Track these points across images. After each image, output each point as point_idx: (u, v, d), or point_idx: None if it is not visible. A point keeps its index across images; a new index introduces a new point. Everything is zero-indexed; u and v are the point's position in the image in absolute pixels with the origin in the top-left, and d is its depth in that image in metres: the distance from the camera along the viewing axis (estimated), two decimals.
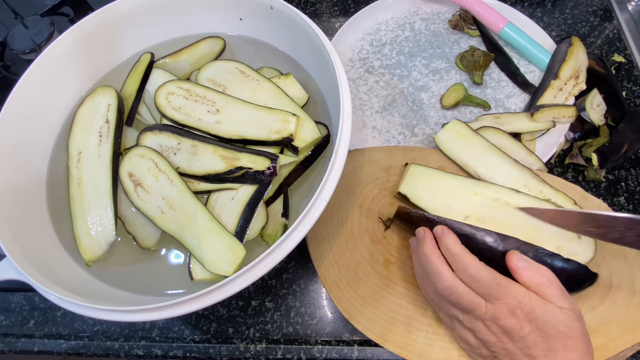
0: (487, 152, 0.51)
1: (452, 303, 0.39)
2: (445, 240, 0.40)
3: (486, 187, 0.48)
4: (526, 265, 0.38)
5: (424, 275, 0.42)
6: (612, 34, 0.65)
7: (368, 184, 0.52)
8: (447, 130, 0.53)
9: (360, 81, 0.63)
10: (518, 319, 0.36)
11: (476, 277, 0.37)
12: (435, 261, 0.40)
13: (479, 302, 0.37)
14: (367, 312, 0.45)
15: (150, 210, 0.44)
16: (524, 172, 0.50)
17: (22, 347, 0.53)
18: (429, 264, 0.40)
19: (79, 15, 0.71)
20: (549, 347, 0.35)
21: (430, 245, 0.41)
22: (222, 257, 0.41)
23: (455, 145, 0.53)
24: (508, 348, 0.36)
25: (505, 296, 0.36)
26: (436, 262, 0.40)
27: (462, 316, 0.39)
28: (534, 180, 0.49)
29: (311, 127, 0.48)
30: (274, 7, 0.51)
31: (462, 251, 0.39)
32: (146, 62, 0.53)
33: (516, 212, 0.46)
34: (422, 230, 0.43)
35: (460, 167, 0.52)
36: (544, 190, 0.48)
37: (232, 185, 0.45)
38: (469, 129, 0.53)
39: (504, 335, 0.36)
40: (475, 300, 0.37)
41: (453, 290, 0.38)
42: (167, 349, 0.50)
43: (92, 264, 0.45)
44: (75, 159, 0.48)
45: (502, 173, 0.50)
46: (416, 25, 0.68)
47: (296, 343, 0.49)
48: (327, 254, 0.49)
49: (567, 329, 0.35)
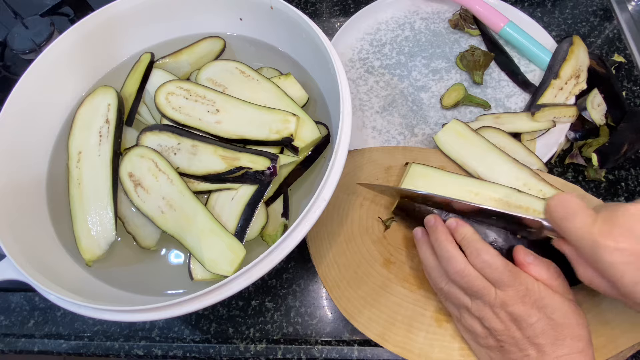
0: (486, 151, 0.51)
1: (463, 287, 0.39)
2: (461, 230, 0.41)
3: (486, 187, 0.48)
4: (533, 260, 0.39)
5: (433, 263, 0.42)
6: (612, 34, 0.65)
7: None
8: (446, 130, 0.53)
9: (360, 81, 0.63)
10: (527, 306, 0.36)
11: (489, 262, 0.38)
12: (448, 245, 0.40)
13: (489, 288, 0.38)
14: (367, 312, 0.45)
15: (150, 210, 0.44)
16: (523, 171, 0.50)
17: (22, 347, 0.53)
18: (442, 249, 0.40)
19: (79, 15, 0.71)
20: (557, 336, 0.35)
21: (442, 231, 0.42)
22: (222, 257, 0.41)
23: (455, 145, 0.53)
24: (515, 336, 0.37)
25: (515, 283, 0.37)
26: (449, 247, 0.40)
27: (470, 303, 0.39)
28: (533, 179, 0.49)
29: (311, 127, 0.48)
30: (274, 7, 0.51)
31: (478, 237, 0.40)
32: (146, 62, 0.53)
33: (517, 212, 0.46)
34: (432, 218, 0.44)
35: (460, 166, 0.52)
36: (543, 189, 0.48)
37: (232, 185, 0.45)
38: (469, 128, 0.53)
39: (512, 323, 0.37)
40: (486, 285, 0.38)
41: (465, 273, 0.38)
42: (167, 349, 0.50)
43: (92, 264, 0.45)
44: (75, 159, 0.48)
45: (502, 172, 0.50)
46: (416, 25, 0.68)
47: (296, 343, 0.49)
48: (327, 253, 0.49)
49: (575, 318, 0.36)
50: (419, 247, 0.45)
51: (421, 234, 0.45)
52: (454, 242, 0.41)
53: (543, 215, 0.40)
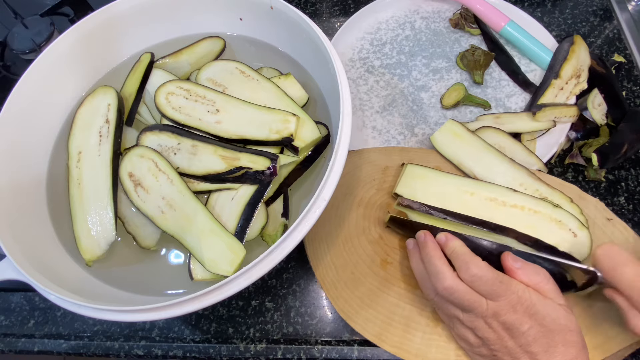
0: (483, 151, 0.51)
1: (453, 303, 0.39)
2: (450, 244, 0.41)
3: (483, 187, 0.48)
4: (522, 265, 0.39)
5: (424, 275, 0.42)
6: (612, 34, 0.65)
7: (365, 185, 0.52)
8: (443, 130, 0.54)
9: (360, 81, 0.63)
10: (518, 314, 0.36)
11: (479, 275, 0.38)
12: (436, 262, 0.40)
13: (480, 301, 0.37)
14: (365, 312, 0.45)
15: (150, 210, 0.44)
16: (520, 171, 0.50)
17: (22, 347, 0.53)
18: (431, 265, 0.41)
19: (79, 15, 0.71)
20: (549, 343, 0.35)
21: (432, 247, 0.42)
22: (222, 257, 0.41)
23: (451, 145, 0.53)
24: (508, 345, 0.37)
25: (507, 292, 0.37)
26: (438, 263, 0.40)
27: (462, 315, 0.39)
28: (530, 179, 0.49)
29: (311, 127, 0.47)
30: (274, 7, 0.51)
31: (468, 251, 0.40)
32: (146, 62, 0.53)
33: (513, 212, 0.46)
34: (422, 234, 0.44)
35: (457, 167, 0.52)
36: (540, 189, 0.48)
37: (232, 185, 0.45)
38: (465, 129, 0.53)
39: (505, 332, 0.37)
40: (476, 299, 0.38)
41: (454, 289, 0.38)
42: (167, 349, 0.50)
43: (92, 264, 0.45)
44: (75, 158, 0.48)
45: (498, 172, 0.50)
46: (416, 24, 0.68)
47: (296, 343, 0.49)
48: (325, 254, 0.49)
49: (566, 323, 0.36)
50: (410, 258, 0.45)
51: (412, 245, 0.45)
52: (443, 258, 0.41)
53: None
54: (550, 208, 0.46)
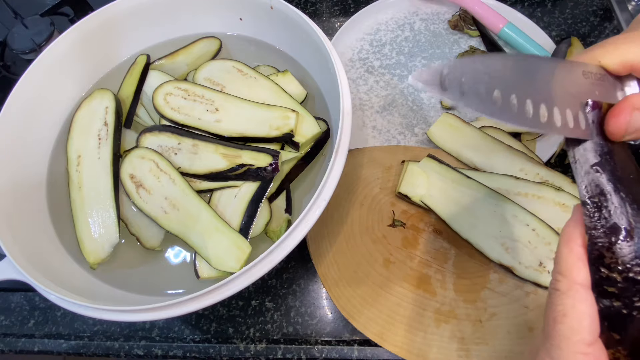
0: (480, 140, 0.52)
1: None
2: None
3: (484, 177, 0.49)
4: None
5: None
6: (612, 34, 0.65)
7: (368, 183, 0.52)
8: (439, 123, 0.54)
9: (360, 81, 0.63)
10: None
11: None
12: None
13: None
14: (367, 311, 0.45)
15: (153, 211, 0.44)
16: (518, 156, 0.50)
17: (22, 347, 0.52)
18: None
19: (79, 15, 0.71)
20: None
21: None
22: (228, 254, 0.41)
23: (448, 137, 0.53)
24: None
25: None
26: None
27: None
28: (529, 163, 0.49)
29: (311, 122, 0.48)
30: (274, 7, 0.51)
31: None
32: (142, 64, 0.53)
33: (518, 200, 0.47)
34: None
35: (456, 158, 0.53)
36: (540, 172, 0.49)
37: (235, 182, 0.45)
38: (460, 120, 0.54)
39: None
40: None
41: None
42: (167, 348, 0.50)
43: (96, 267, 0.45)
44: (75, 162, 0.48)
45: (497, 159, 0.50)
46: (416, 26, 0.68)
47: (296, 343, 0.49)
48: (327, 253, 0.49)
49: None
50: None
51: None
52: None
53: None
54: (553, 192, 0.46)
